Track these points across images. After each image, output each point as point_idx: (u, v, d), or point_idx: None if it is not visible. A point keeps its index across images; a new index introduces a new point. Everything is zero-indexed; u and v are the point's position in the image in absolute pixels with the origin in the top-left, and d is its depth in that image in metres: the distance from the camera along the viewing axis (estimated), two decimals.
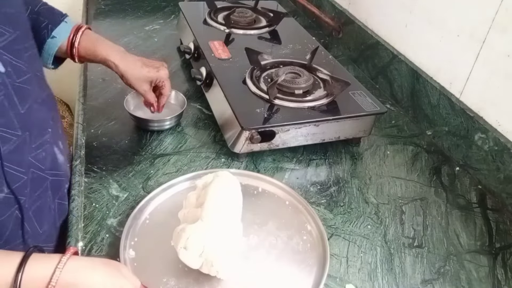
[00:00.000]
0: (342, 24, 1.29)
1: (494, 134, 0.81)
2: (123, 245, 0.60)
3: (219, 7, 1.20)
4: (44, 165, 0.58)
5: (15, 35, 0.53)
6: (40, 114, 0.58)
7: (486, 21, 0.81)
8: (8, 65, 0.51)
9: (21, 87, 0.53)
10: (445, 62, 0.93)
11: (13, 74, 0.51)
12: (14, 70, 0.52)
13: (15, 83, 0.52)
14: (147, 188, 0.73)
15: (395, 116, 1.02)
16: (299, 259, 0.64)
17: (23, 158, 0.53)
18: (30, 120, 0.54)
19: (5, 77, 0.50)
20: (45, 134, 0.59)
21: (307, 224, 0.69)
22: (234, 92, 0.85)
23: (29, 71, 0.55)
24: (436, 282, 0.64)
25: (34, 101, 0.56)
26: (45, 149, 0.58)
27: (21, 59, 0.54)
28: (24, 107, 0.53)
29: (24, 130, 0.53)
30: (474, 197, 0.81)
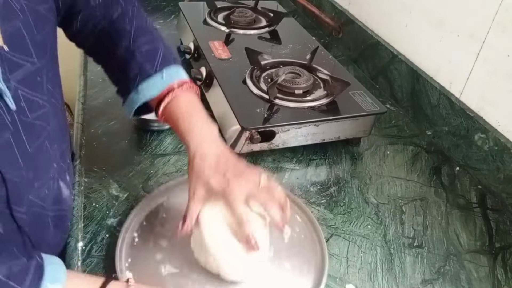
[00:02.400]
0: (342, 24, 1.29)
1: (494, 134, 0.81)
2: (119, 269, 0.58)
3: (219, 7, 1.20)
4: (45, 202, 0.53)
5: (38, 66, 0.47)
6: (49, 150, 0.52)
7: (486, 21, 0.81)
8: (22, 101, 0.45)
9: (33, 124, 0.48)
10: (445, 62, 0.93)
11: (26, 110, 0.46)
12: (28, 105, 0.46)
13: (27, 119, 0.47)
14: (147, 188, 0.73)
15: (395, 116, 1.02)
16: (296, 252, 0.64)
17: (25, 199, 0.49)
18: (37, 159, 0.49)
19: (15, 115, 0.45)
20: (51, 170, 0.54)
21: (296, 215, 0.69)
22: (234, 92, 0.85)
23: (47, 103, 0.50)
24: (436, 282, 0.64)
25: (46, 137, 0.51)
26: (48, 186, 0.53)
27: (40, 92, 0.49)
28: (33, 146, 0.48)
29: (28, 169, 0.48)
30: (474, 197, 0.81)
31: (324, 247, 0.63)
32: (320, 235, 0.65)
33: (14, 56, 0.44)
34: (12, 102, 0.43)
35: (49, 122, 0.51)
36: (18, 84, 0.45)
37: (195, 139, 0.58)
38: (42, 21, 0.49)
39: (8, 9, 0.43)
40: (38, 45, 0.47)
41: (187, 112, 0.60)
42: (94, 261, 0.61)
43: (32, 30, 0.46)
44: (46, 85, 0.50)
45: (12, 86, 0.44)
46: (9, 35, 0.43)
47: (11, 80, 0.44)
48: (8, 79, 0.43)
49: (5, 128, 0.44)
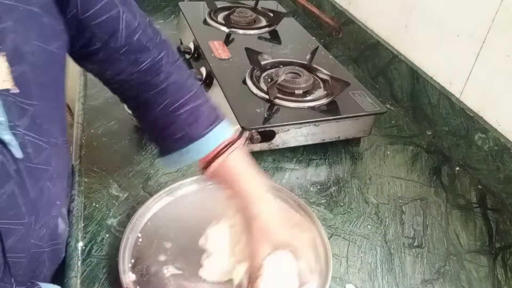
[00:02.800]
0: (342, 24, 1.29)
1: (494, 134, 0.81)
2: (122, 270, 0.58)
3: (219, 7, 1.20)
4: (43, 242, 0.51)
5: (39, 106, 0.44)
6: (51, 191, 0.50)
7: (486, 21, 0.81)
8: (28, 146, 0.43)
9: (37, 169, 0.45)
10: (445, 62, 0.93)
11: (31, 156, 0.44)
12: (33, 150, 0.44)
13: (31, 164, 0.44)
14: (147, 188, 0.73)
15: (395, 116, 1.02)
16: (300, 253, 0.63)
17: (26, 244, 0.47)
18: (40, 203, 0.48)
19: (20, 163, 0.42)
20: (52, 210, 0.52)
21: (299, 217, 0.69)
22: (234, 92, 0.85)
23: (48, 144, 0.47)
24: (436, 282, 0.64)
25: (48, 179, 0.49)
26: (48, 225, 0.51)
27: (43, 134, 0.46)
28: (35, 190, 0.46)
29: (31, 214, 0.46)
30: (474, 197, 0.81)
31: (328, 250, 0.63)
32: (323, 238, 0.64)
33: (21, 102, 0.42)
34: (19, 151, 0.42)
35: (51, 163, 0.49)
36: (24, 130, 0.43)
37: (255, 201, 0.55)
38: (51, 61, 0.46)
39: (17, 52, 0.40)
40: (42, 87, 0.45)
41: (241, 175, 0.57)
42: (94, 261, 0.61)
43: (39, 72, 0.43)
44: (46, 124, 0.47)
45: (21, 133, 0.42)
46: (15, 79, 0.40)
47: (18, 127, 0.42)
48: (15, 126, 0.41)
49: (9, 178, 0.42)
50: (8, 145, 0.40)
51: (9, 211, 0.43)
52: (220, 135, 0.57)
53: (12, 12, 0.39)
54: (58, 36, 0.46)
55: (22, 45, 0.40)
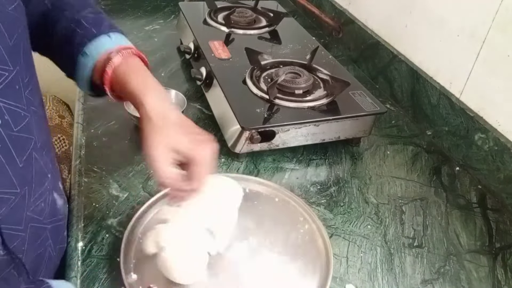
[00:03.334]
0: (342, 24, 1.29)
1: (494, 134, 0.81)
2: (124, 271, 0.58)
3: (219, 7, 1.20)
4: (42, 216, 0.51)
5: (14, 72, 0.44)
6: (39, 162, 0.50)
7: (486, 21, 0.81)
8: (5, 113, 0.43)
9: (19, 137, 0.45)
10: (445, 62, 0.93)
11: (10, 123, 0.44)
12: (12, 117, 0.44)
13: (13, 133, 0.44)
14: (147, 188, 0.73)
15: (395, 116, 1.02)
16: (301, 252, 0.64)
17: (21, 216, 0.47)
18: (30, 172, 0.47)
19: (1, 129, 0.42)
20: (45, 181, 0.52)
21: (300, 217, 0.69)
22: (234, 92, 0.85)
23: (28, 112, 0.47)
24: (436, 282, 0.64)
25: (33, 148, 0.48)
26: (44, 199, 0.51)
27: (20, 101, 0.45)
28: (22, 159, 0.46)
29: (23, 185, 0.46)
30: (474, 197, 0.81)
31: (329, 249, 0.63)
32: (324, 236, 0.65)
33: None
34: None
35: (34, 133, 0.48)
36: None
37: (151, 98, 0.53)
38: (12, 24, 0.44)
39: None
40: (12, 51, 0.43)
41: (138, 71, 0.56)
42: (94, 261, 0.61)
43: (4, 35, 0.42)
44: (24, 93, 0.46)
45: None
46: None
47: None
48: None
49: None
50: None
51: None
52: (121, 40, 0.57)
53: None
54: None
55: None
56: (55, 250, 0.57)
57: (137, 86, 0.54)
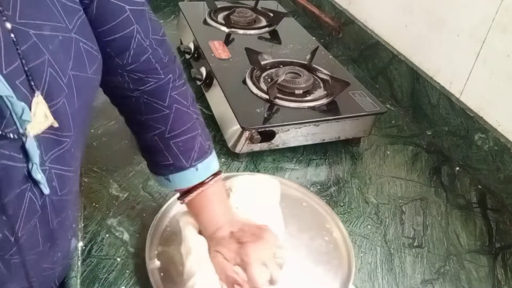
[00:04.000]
0: (342, 24, 1.29)
1: (494, 134, 0.81)
2: (148, 256, 0.58)
3: (219, 7, 1.20)
4: (55, 264, 0.49)
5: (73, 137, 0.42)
6: (70, 217, 0.48)
7: (486, 21, 0.81)
8: (54, 180, 0.41)
9: (61, 200, 0.44)
10: (445, 62, 0.93)
11: (57, 189, 0.42)
12: (59, 182, 0.42)
13: (57, 197, 0.43)
14: (147, 188, 0.73)
15: (395, 116, 1.02)
16: (324, 260, 0.63)
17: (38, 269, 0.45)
18: (58, 232, 0.46)
19: (47, 198, 0.41)
20: (68, 233, 0.50)
21: (326, 224, 0.68)
22: (234, 92, 0.85)
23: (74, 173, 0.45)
24: (436, 282, 0.64)
25: (70, 207, 0.47)
26: (62, 248, 0.49)
27: (71, 163, 0.44)
28: (55, 221, 0.44)
29: (46, 243, 0.44)
30: (474, 197, 0.81)
31: (352, 259, 0.62)
32: (349, 247, 0.64)
33: (55, 135, 0.39)
34: (47, 187, 0.40)
35: (73, 190, 0.47)
36: (51, 163, 0.40)
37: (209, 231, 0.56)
38: (86, 87, 0.42)
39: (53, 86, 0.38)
40: (76, 115, 0.41)
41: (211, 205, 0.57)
42: (94, 261, 0.61)
43: (74, 102, 0.40)
44: (74, 153, 0.44)
45: (47, 168, 0.40)
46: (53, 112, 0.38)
47: (46, 162, 0.40)
48: (44, 162, 0.39)
49: (35, 213, 0.41)
50: (39, 183, 0.39)
51: (27, 244, 0.41)
52: (207, 169, 0.57)
53: (51, 44, 0.37)
54: (93, 59, 0.43)
55: (57, 78, 0.38)
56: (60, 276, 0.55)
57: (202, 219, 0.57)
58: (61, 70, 0.38)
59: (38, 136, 0.37)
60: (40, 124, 0.36)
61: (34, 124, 0.36)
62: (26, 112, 0.34)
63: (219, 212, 0.57)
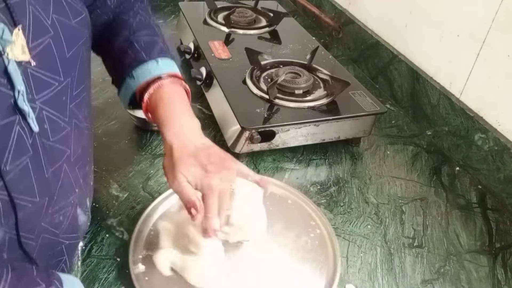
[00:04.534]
0: (342, 24, 1.29)
1: (494, 134, 0.81)
2: (132, 261, 0.58)
3: (219, 7, 1.20)
4: (59, 230, 0.50)
5: (64, 83, 0.45)
6: (69, 175, 0.49)
7: (486, 21, 0.81)
8: (45, 122, 0.43)
9: (53, 147, 0.45)
10: (445, 62, 0.93)
11: (48, 132, 0.44)
12: (51, 126, 0.44)
13: (48, 142, 0.44)
14: (147, 188, 0.73)
15: (395, 116, 1.02)
16: (311, 257, 0.64)
17: (34, 225, 0.46)
18: (54, 184, 0.47)
19: (37, 136, 0.42)
20: (70, 196, 0.50)
21: (312, 221, 0.69)
22: (234, 92, 0.85)
23: (69, 124, 0.47)
24: (436, 282, 0.64)
25: (66, 161, 0.48)
26: (65, 212, 0.50)
27: (63, 112, 0.46)
28: (50, 171, 0.45)
29: (43, 195, 0.45)
30: (474, 197, 0.81)
31: (338, 255, 0.62)
32: (334, 243, 0.64)
33: (43, 75, 0.42)
34: (36, 124, 0.41)
35: (70, 146, 0.48)
36: (43, 104, 0.42)
37: (172, 130, 0.55)
38: (74, 36, 0.46)
39: (37, 24, 0.40)
40: (67, 63, 0.44)
41: (169, 100, 0.57)
42: (94, 261, 0.61)
43: (62, 47, 0.44)
44: (69, 105, 0.47)
45: (37, 106, 0.42)
46: (39, 52, 0.41)
47: (37, 100, 0.42)
48: (34, 99, 0.41)
49: (25, 151, 0.42)
50: (27, 116, 0.40)
51: (20, 185, 0.42)
52: (167, 66, 0.59)
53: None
54: (76, 12, 0.47)
55: (41, 18, 0.41)
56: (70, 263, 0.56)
57: (162, 116, 0.56)
58: (43, 10, 0.41)
59: (26, 70, 0.40)
60: (18, 54, 0.39)
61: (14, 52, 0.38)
62: (6, 33, 0.37)
63: (181, 109, 0.57)
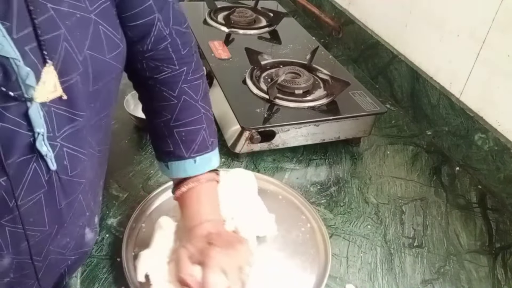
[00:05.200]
0: (342, 24, 1.29)
1: (494, 134, 0.81)
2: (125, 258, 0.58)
3: (219, 7, 1.20)
4: (65, 250, 0.49)
5: (87, 116, 0.43)
6: (82, 202, 0.48)
7: (486, 21, 0.81)
8: (65, 158, 0.42)
9: (71, 181, 0.44)
10: (445, 62, 0.93)
11: (67, 168, 0.43)
12: (70, 162, 0.43)
13: (66, 177, 0.44)
14: (147, 188, 0.73)
15: (395, 116, 1.02)
16: (302, 250, 0.64)
17: (42, 249, 0.46)
18: (66, 215, 0.46)
19: (53, 175, 0.42)
20: (80, 220, 0.50)
21: (302, 215, 0.70)
22: (234, 92, 0.85)
23: (87, 156, 0.46)
24: (436, 282, 0.64)
25: (81, 192, 0.47)
26: (72, 234, 0.49)
27: (83, 146, 0.45)
28: (64, 203, 0.45)
29: (53, 225, 0.45)
30: (474, 197, 0.81)
31: (328, 248, 0.63)
32: (325, 235, 0.65)
33: (66, 111, 0.41)
34: (54, 163, 0.41)
35: (86, 176, 0.47)
36: (63, 141, 0.42)
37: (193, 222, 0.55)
38: (104, 71, 0.44)
39: (68, 61, 0.39)
40: (90, 96, 0.43)
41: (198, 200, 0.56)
42: (94, 261, 0.61)
43: (89, 84, 0.42)
44: (88, 137, 0.46)
45: (58, 144, 0.41)
46: (64, 89, 0.39)
47: (58, 138, 0.41)
48: (55, 137, 0.41)
49: (40, 187, 0.41)
50: (45, 156, 0.40)
51: (30, 218, 0.42)
52: (205, 164, 0.57)
53: (68, 20, 0.39)
54: (114, 45, 0.44)
55: (73, 55, 0.39)
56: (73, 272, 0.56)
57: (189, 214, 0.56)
58: (77, 47, 0.40)
59: (50, 109, 0.39)
60: (49, 93, 0.38)
61: (43, 92, 0.37)
62: (31, 77, 0.36)
63: (205, 210, 0.56)
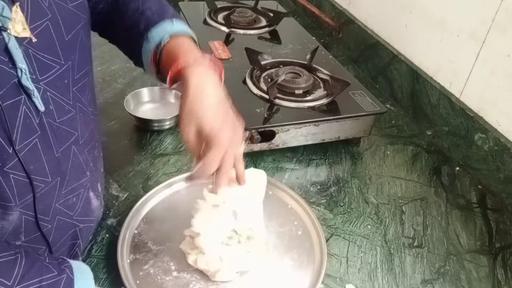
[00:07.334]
0: (342, 24, 1.29)
1: (494, 134, 0.81)
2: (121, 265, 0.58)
3: (219, 7, 1.20)
4: (73, 211, 0.52)
5: (65, 67, 0.46)
6: (78, 157, 0.51)
7: (486, 21, 0.81)
8: (50, 103, 0.45)
9: (60, 128, 0.47)
10: (445, 62, 0.93)
11: (54, 113, 0.46)
12: (56, 108, 0.46)
13: (55, 123, 0.46)
14: (147, 188, 0.73)
15: (395, 116, 1.02)
16: (296, 244, 0.65)
17: (49, 206, 0.48)
18: (65, 164, 0.49)
19: (43, 116, 0.44)
20: (82, 178, 0.53)
21: (295, 210, 0.70)
22: (234, 92, 0.85)
23: (74, 107, 0.49)
24: (436, 282, 0.64)
25: (74, 142, 0.50)
26: (78, 194, 0.52)
27: (67, 95, 0.48)
28: (59, 150, 0.47)
29: (55, 175, 0.47)
30: (474, 197, 0.81)
31: (323, 245, 0.63)
32: (320, 233, 0.65)
33: (43, 57, 0.43)
34: (41, 103, 0.43)
35: (77, 129, 0.50)
36: (46, 85, 0.44)
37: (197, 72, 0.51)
38: (71, 20, 0.47)
39: (35, 5, 0.42)
40: (66, 46, 0.46)
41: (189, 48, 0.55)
42: (94, 261, 0.61)
43: (61, 30, 0.45)
44: (72, 88, 0.48)
45: (42, 87, 0.44)
46: (38, 34, 0.42)
47: (41, 81, 0.43)
48: (38, 80, 0.43)
49: (33, 131, 0.44)
50: (32, 95, 0.42)
51: (31, 165, 0.44)
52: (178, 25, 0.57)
53: None
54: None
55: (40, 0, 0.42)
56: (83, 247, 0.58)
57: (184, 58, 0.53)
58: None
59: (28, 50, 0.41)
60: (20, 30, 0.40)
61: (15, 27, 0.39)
62: (6, 10, 0.38)
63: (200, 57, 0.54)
